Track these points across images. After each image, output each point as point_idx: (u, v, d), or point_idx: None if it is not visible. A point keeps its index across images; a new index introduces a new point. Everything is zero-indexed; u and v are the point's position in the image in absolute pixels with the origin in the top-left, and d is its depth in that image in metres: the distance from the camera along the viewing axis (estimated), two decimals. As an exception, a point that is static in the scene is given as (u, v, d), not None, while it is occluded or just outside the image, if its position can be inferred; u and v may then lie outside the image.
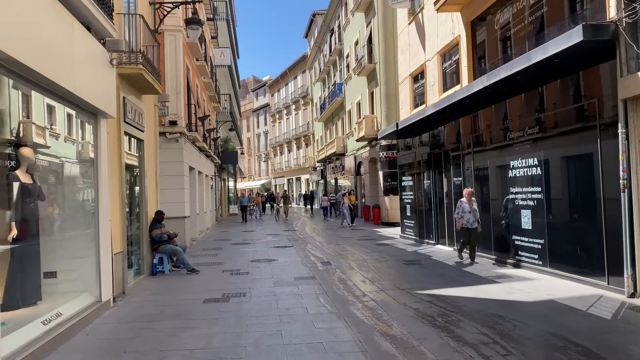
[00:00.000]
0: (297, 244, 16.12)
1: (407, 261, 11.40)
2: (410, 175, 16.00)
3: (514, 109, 10.07)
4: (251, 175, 70.50)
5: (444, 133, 13.38)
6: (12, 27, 4.58)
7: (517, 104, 9.92)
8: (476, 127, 11.58)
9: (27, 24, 4.89)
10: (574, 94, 8.27)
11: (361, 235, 18.52)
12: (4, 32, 4.39)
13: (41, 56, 5.19)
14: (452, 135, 12.93)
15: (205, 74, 21.09)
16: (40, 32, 5.21)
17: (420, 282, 8.86)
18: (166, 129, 15.15)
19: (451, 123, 12.86)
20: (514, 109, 10.07)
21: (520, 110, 9.79)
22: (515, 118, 9.97)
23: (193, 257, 13.27)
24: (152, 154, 11.07)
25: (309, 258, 12.60)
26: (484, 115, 11.20)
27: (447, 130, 13.23)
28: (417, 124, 13.61)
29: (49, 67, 5.37)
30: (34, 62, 4.97)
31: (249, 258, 12.73)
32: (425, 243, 14.66)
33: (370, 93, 25.51)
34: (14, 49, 4.55)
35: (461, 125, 12.29)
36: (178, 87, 15.35)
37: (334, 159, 34.47)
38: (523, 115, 9.61)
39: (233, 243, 16.76)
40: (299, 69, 51.51)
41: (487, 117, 11.12)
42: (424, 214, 14.90)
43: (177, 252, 10.60)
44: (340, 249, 14.32)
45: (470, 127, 11.83)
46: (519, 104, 9.87)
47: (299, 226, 24.38)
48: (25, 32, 4.85)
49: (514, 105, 10.04)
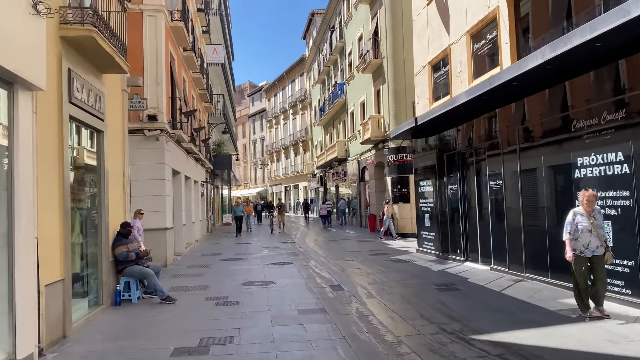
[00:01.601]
0: (298, 259, 13.81)
1: (439, 285, 9.10)
2: (430, 179, 13.75)
3: (580, 91, 7.85)
4: (247, 183, 68.12)
5: (476, 128, 11.16)
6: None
7: (585, 85, 7.70)
8: (522, 117, 9.35)
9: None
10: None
11: (370, 248, 16.23)
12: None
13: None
14: (487, 130, 10.71)
15: (194, 67, 18.85)
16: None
17: (471, 319, 6.57)
18: (144, 125, 12.88)
19: (486, 116, 10.65)
20: (580, 90, 7.85)
21: (592, 92, 7.56)
22: (581, 102, 7.76)
23: (173, 277, 10.95)
24: (117, 150, 8.79)
25: (314, 279, 10.30)
26: (535, 102, 8.97)
27: (480, 125, 11.02)
28: (441, 117, 11.38)
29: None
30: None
31: (240, 279, 10.41)
32: (451, 259, 12.38)
33: (376, 91, 23.34)
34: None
35: (500, 117, 10.07)
36: (159, 76, 13.10)
37: (335, 165, 32.21)
38: (597, 97, 7.39)
39: (224, 259, 14.43)
40: (296, 71, 49.39)
41: (538, 104, 8.90)
42: (448, 224, 12.63)
43: (148, 275, 8.28)
44: (350, 267, 12.02)
45: (513, 119, 9.62)
46: (587, 85, 7.66)
47: (298, 237, 22.06)
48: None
49: (580, 86, 7.83)
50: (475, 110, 10.69)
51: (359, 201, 27.49)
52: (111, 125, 8.27)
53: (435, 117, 11.46)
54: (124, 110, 9.25)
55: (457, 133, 12.10)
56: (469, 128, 11.54)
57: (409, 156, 20.50)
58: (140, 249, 8.62)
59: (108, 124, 8.08)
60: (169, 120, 13.93)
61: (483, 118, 10.79)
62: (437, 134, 13.15)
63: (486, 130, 10.77)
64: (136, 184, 12.80)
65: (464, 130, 11.79)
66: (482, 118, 10.84)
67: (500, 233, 10.08)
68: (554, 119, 8.37)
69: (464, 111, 10.76)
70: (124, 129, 9.16)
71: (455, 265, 11.59)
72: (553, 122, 8.41)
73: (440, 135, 13.05)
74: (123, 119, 9.18)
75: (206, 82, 22.95)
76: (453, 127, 12.19)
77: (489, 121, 10.62)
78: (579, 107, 7.81)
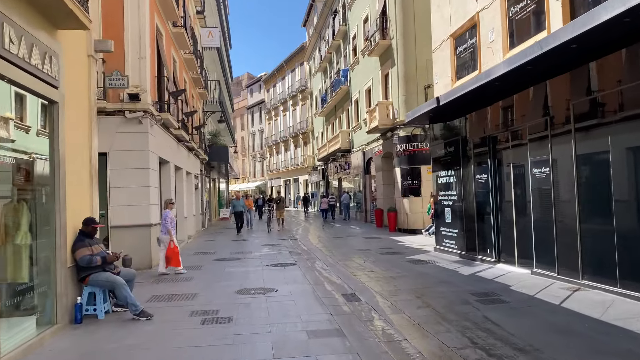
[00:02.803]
0: (301, 259, 12.15)
1: (479, 295, 7.42)
2: (452, 169, 12.07)
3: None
4: (245, 177, 66.38)
5: (516, 106, 9.48)
6: None
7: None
8: (586, 88, 7.64)
9: None
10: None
11: (380, 246, 14.57)
12: None
13: None
14: (530, 107, 9.03)
15: (186, 46, 17.10)
16: None
17: (539, 347, 4.89)
18: (125, 106, 11.18)
19: (527, 91, 8.97)
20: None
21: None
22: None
23: (157, 282, 9.31)
24: (80, 129, 7.08)
25: (322, 286, 8.63)
26: (605, 67, 7.26)
27: (520, 102, 9.34)
28: (469, 96, 9.69)
29: None
30: None
31: (235, 285, 8.74)
32: (479, 260, 10.71)
33: (383, 76, 21.59)
34: None
35: (551, 89, 8.37)
36: (143, 50, 11.37)
37: (338, 156, 30.48)
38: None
39: (218, 258, 12.76)
40: (296, 60, 47.55)
41: (609, 69, 7.20)
42: (475, 220, 10.96)
43: (116, 284, 6.60)
44: (362, 269, 10.36)
45: (571, 91, 7.92)
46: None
47: (300, 233, 20.40)
48: None
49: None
50: (511, 86, 9.04)
51: (364, 195, 25.81)
52: (71, 96, 6.56)
53: (463, 95, 9.75)
54: (91, 81, 7.52)
55: (488, 114, 10.41)
56: (504, 107, 9.85)
57: (420, 145, 18.86)
58: (107, 252, 6.92)
59: (66, 95, 6.38)
60: (154, 101, 12.23)
61: (523, 94, 9.10)
62: (462, 116, 11.46)
63: (528, 108, 9.07)
64: (116, 174, 11.13)
65: (496, 110, 10.11)
66: (521, 94, 9.15)
67: (546, 231, 8.42)
68: (632, 87, 6.67)
69: (498, 87, 9.07)
70: (90, 104, 7.45)
71: (486, 268, 9.92)
72: (631, 92, 6.71)
73: (465, 117, 11.36)
74: (90, 91, 7.46)
75: (200, 66, 21.21)
76: (482, 107, 10.51)
77: (532, 96, 8.93)
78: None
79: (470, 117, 11.22)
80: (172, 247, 10.42)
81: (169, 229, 10.52)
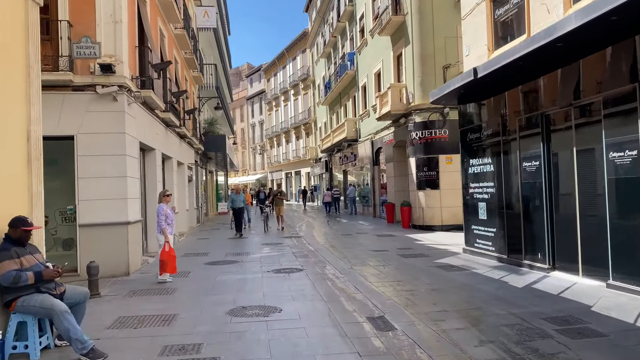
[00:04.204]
0: (308, 263, 10.25)
1: (556, 322, 5.47)
2: (488, 156, 10.13)
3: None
4: (245, 170, 64.40)
5: (584, 74, 7.51)
6: None
7: None
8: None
9: None
10: None
11: (398, 246, 12.66)
12: None
13: None
14: (611, 72, 7.05)
15: (176, 19, 15.11)
16: None
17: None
18: (97, 79, 9.24)
19: (604, 52, 7.02)
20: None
21: None
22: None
23: (130, 296, 7.39)
24: (9, 96, 5.14)
25: (339, 304, 6.71)
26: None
27: (591, 68, 7.38)
28: (516, 64, 7.79)
29: None
30: None
31: (227, 303, 6.82)
32: (526, 267, 8.79)
33: (396, 57, 19.58)
34: None
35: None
36: (117, 12, 9.41)
37: (343, 147, 28.50)
38: None
39: (210, 262, 10.85)
40: (298, 48, 45.43)
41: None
42: (520, 217, 9.02)
43: (55, 312, 4.66)
44: (385, 278, 8.44)
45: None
46: None
47: (304, 230, 18.48)
48: None
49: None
50: (577, 48, 7.12)
51: (372, 188, 23.87)
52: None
53: (510, 64, 7.84)
54: (31, 34, 5.56)
55: (540, 87, 8.45)
56: (565, 76, 7.90)
57: (438, 132, 16.91)
58: (46, 263, 4.98)
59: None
60: (134, 75, 10.28)
61: (597, 56, 7.14)
62: (501, 92, 9.52)
63: (604, 74, 7.11)
64: (86, 162, 9.21)
65: (552, 81, 8.16)
66: (593, 57, 7.20)
67: (630, 231, 6.50)
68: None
69: (560, 50, 7.15)
70: (29, 63, 5.50)
71: (540, 278, 7.99)
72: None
73: (505, 94, 9.42)
74: (28, 47, 5.51)
75: (194, 46, 19.21)
76: (532, 78, 8.56)
77: (610, 58, 6.97)
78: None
79: (511, 94, 9.26)
80: (167, 250, 8.57)
81: (164, 227, 8.67)
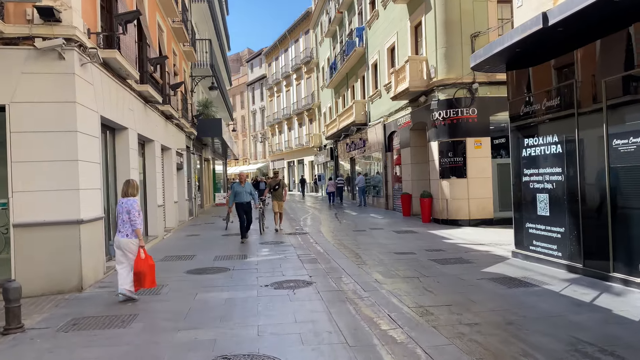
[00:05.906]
0: (318, 272, 7.95)
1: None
2: (553, 134, 7.77)
3: None
4: (246, 159, 62.02)
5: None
6: None
7: None
8: None
9: None
10: None
11: (424, 246, 10.38)
12: None
13: None
14: None
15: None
16: None
17: None
18: (36, 29, 6.90)
19: None
20: None
21: None
22: None
23: (62, 333, 5.05)
24: None
25: (374, 351, 4.41)
26: None
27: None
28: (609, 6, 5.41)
29: None
30: None
31: (204, 347, 4.53)
32: (618, 281, 6.46)
33: (413, 27, 17.13)
34: None
35: None
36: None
37: (352, 132, 26.09)
38: None
39: (192, 269, 8.55)
40: (301, 29, 42.82)
41: None
42: (609, 214, 6.67)
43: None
44: (427, 298, 6.12)
45: None
46: None
47: (309, 224, 16.17)
48: None
49: None
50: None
51: (384, 176, 21.52)
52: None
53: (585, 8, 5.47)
54: None
55: (633, 39, 6.08)
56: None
57: (465, 112, 14.55)
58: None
59: None
60: (90, 29, 7.90)
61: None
62: (570, 50, 7.15)
63: None
64: (22, 141, 6.89)
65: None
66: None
67: None
68: None
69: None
70: None
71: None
72: None
73: (582, 50, 7.04)
74: None
75: (183, 14, 16.78)
76: (621, 28, 6.19)
77: None
78: None
79: (588, 50, 6.88)
80: (143, 258, 6.31)
81: (137, 227, 6.45)
